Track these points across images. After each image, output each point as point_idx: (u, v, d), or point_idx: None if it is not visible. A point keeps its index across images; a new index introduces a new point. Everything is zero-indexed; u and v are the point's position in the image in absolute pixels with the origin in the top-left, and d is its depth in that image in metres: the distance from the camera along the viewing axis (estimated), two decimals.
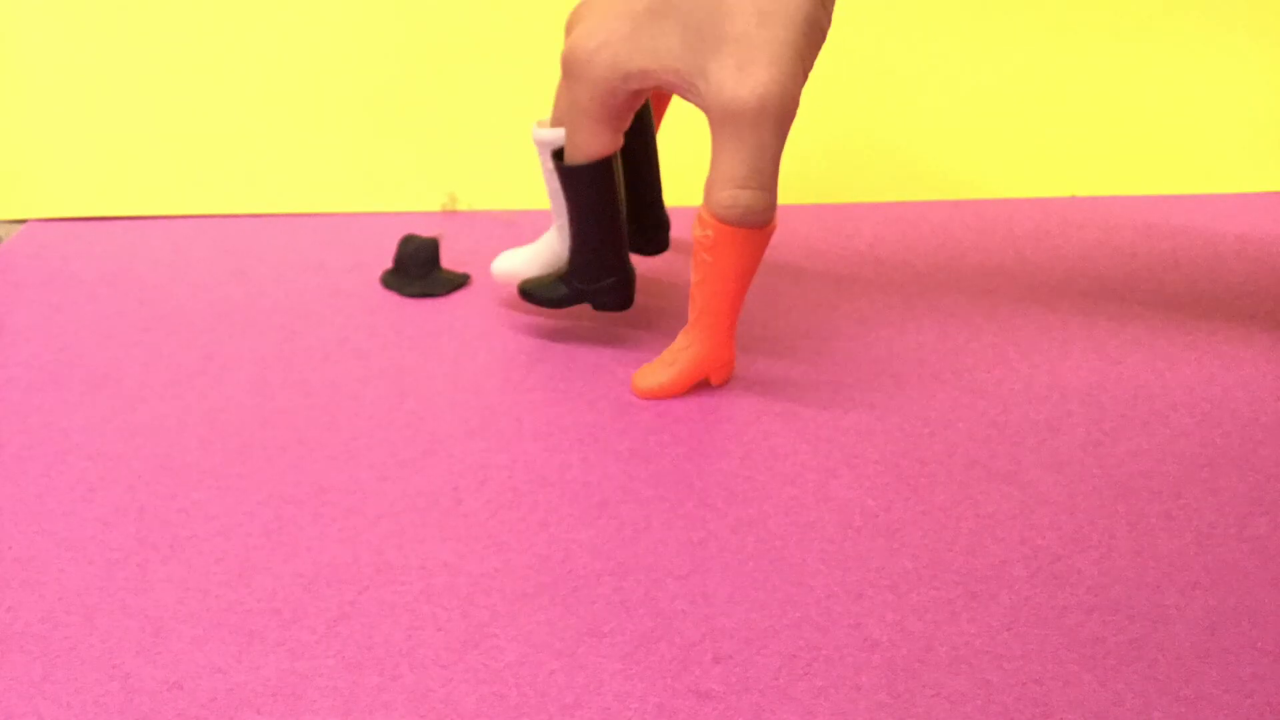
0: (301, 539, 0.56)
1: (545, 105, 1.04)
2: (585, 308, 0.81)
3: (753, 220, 0.63)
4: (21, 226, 0.94)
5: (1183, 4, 1.12)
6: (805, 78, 0.63)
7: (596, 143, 0.66)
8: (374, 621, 0.51)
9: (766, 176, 0.63)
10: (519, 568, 0.54)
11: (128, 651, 0.49)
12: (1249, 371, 0.73)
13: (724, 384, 0.71)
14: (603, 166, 0.67)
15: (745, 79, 0.61)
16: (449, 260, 0.88)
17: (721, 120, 0.62)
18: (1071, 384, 0.71)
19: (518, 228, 0.95)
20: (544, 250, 0.76)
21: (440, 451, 0.64)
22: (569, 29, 0.69)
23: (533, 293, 0.73)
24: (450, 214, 0.99)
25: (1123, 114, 1.09)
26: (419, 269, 0.82)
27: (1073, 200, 1.03)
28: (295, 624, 0.51)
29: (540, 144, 0.71)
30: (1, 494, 0.59)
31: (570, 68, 0.65)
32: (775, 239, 0.93)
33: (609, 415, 0.67)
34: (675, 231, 0.95)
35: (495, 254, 0.90)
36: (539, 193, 1.01)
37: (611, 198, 0.69)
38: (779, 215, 0.98)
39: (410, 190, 0.99)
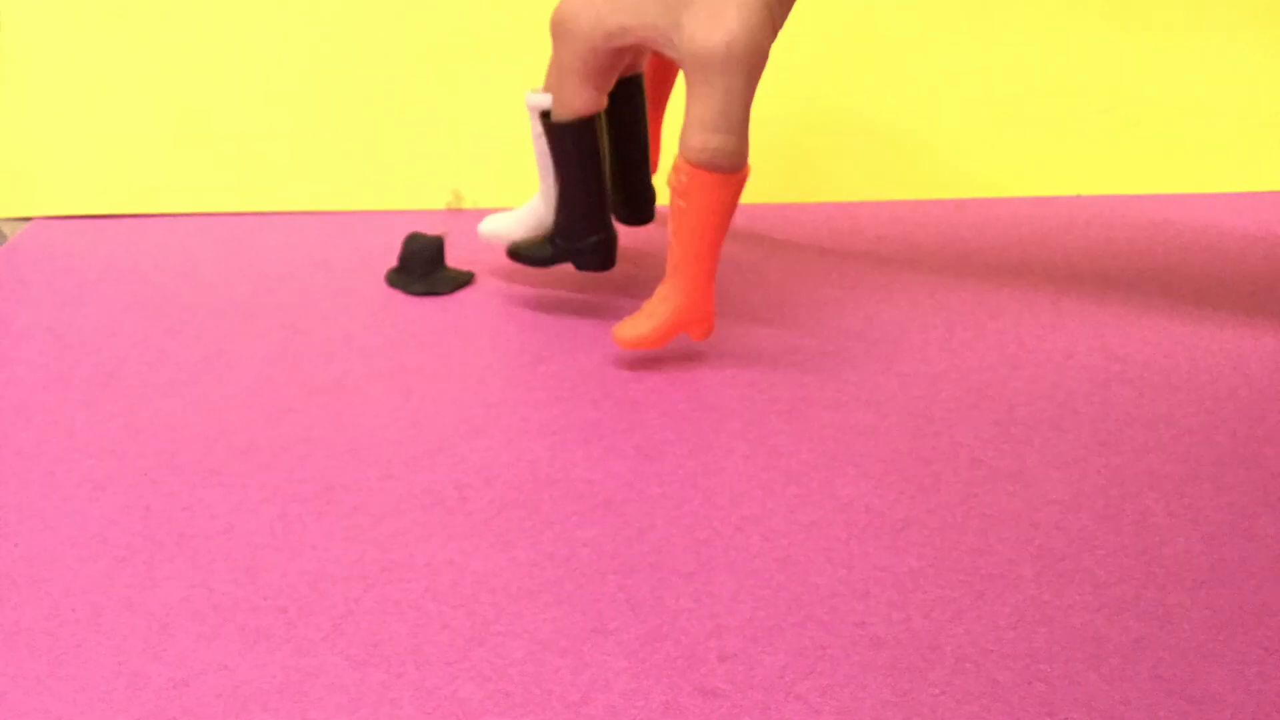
0: (307, 537, 0.56)
1: None
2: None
3: (723, 163, 0.66)
4: (27, 224, 0.94)
5: (1186, 2, 1.12)
6: (775, 31, 0.66)
7: (580, 100, 0.70)
8: (379, 619, 0.51)
9: (735, 121, 0.65)
10: (524, 565, 0.54)
11: (133, 649, 0.49)
12: (1255, 370, 0.73)
13: (704, 339, 0.72)
14: (586, 124, 0.71)
15: (715, 27, 0.64)
16: (453, 258, 0.88)
17: (693, 68, 0.65)
18: (1077, 382, 0.71)
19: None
20: (530, 214, 0.78)
21: (445, 450, 0.64)
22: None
23: (520, 253, 0.76)
24: (455, 212, 0.99)
25: (1127, 112, 1.09)
26: (423, 267, 0.82)
27: (1077, 199, 1.03)
28: (301, 621, 0.51)
29: (531, 108, 0.74)
30: (6, 491, 0.59)
31: (556, 28, 0.69)
32: (780, 236, 0.93)
33: (613, 414, 0.67)
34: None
35: (500, 253, 0.90)
36: None
37: (594, 156, 0.72)
38: (786, 211, 0.98)
39: (415, 188, 0.99)
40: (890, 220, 0.97)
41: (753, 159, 1.05)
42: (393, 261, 0.87)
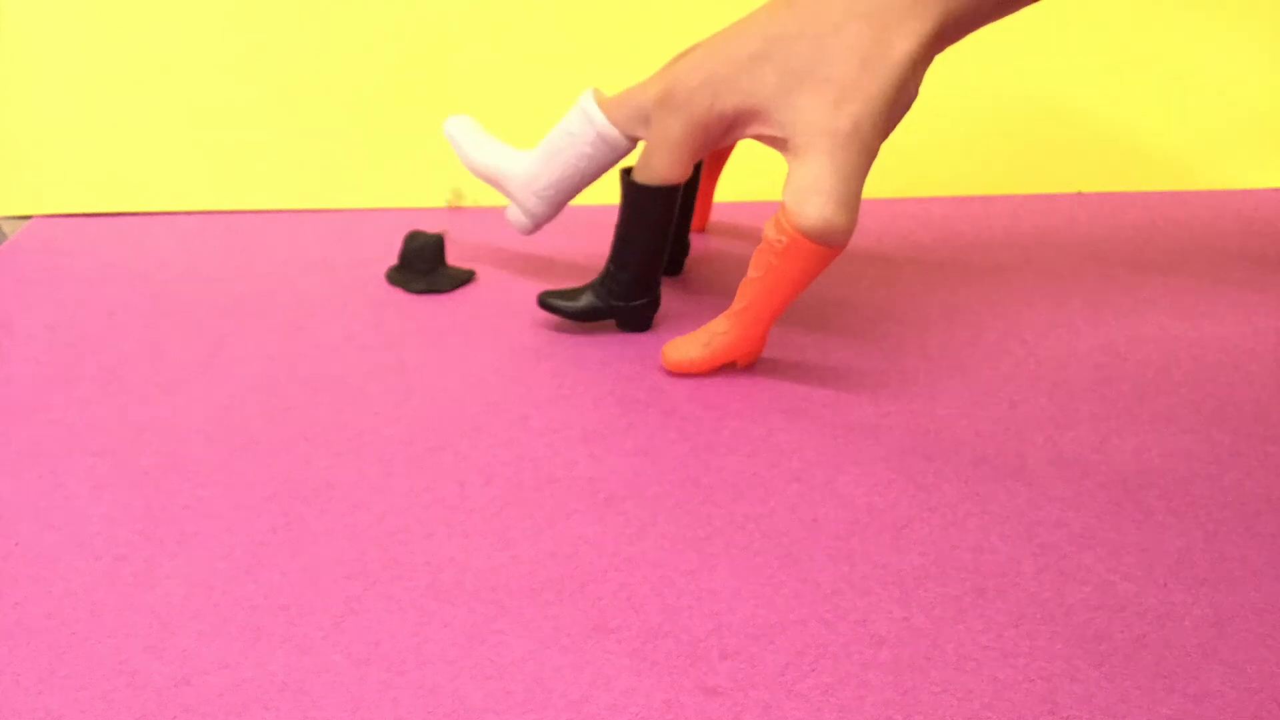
0: (308, 535, 0.56)
1: (549, 102, 1.04)
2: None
3: (833, 239, 0.65)
4: (27, 222, 0.94)
5: (1187, 2, 1.12)
6: (886, 136, 0.66)
7: (674, 171, 0.70)
8: (381, 617, 0.51)
9: (852, 196, 0.65)
10: (525, 564, 0.54)
11: (135, 647, 0.49)
12: (1256, 368, 0.73)
13: (748, 366, 0.73)
14: (670, 192, 0.70)
15: (842, 111, 0.64)
16: (454, 257, 0.88)
17: (813, 138, 0.64)
18: (1078, 380, 0.71)
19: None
20: (503, 156, 0.77)
21: (446, 448, 0.64)
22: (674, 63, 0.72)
23: (554, 304, 0.75)
24: (455, 210, 0.99)
25: (1128, 110, 1.08)
26: (424, 265, 0.82)
27: (1079, 196, 1.03)
28: (302, 620, 0.51)
29: (586, 114, 0.73)
30: (8, 490, 0.59)
31: (670, 100, 0.69)
32: None
33: (615, 412, 0.67)
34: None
35: (500, 251, 0.90)
36: None
37: (667, 224, 0.72)
38: None
39: (415, 187, 0.99)
40: (891, 218, 0.97)
41: (752, 159, 1.05)
42: (393, 259, 0.87)
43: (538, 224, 0.78)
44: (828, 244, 0.65)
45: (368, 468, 0.62)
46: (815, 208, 0.64)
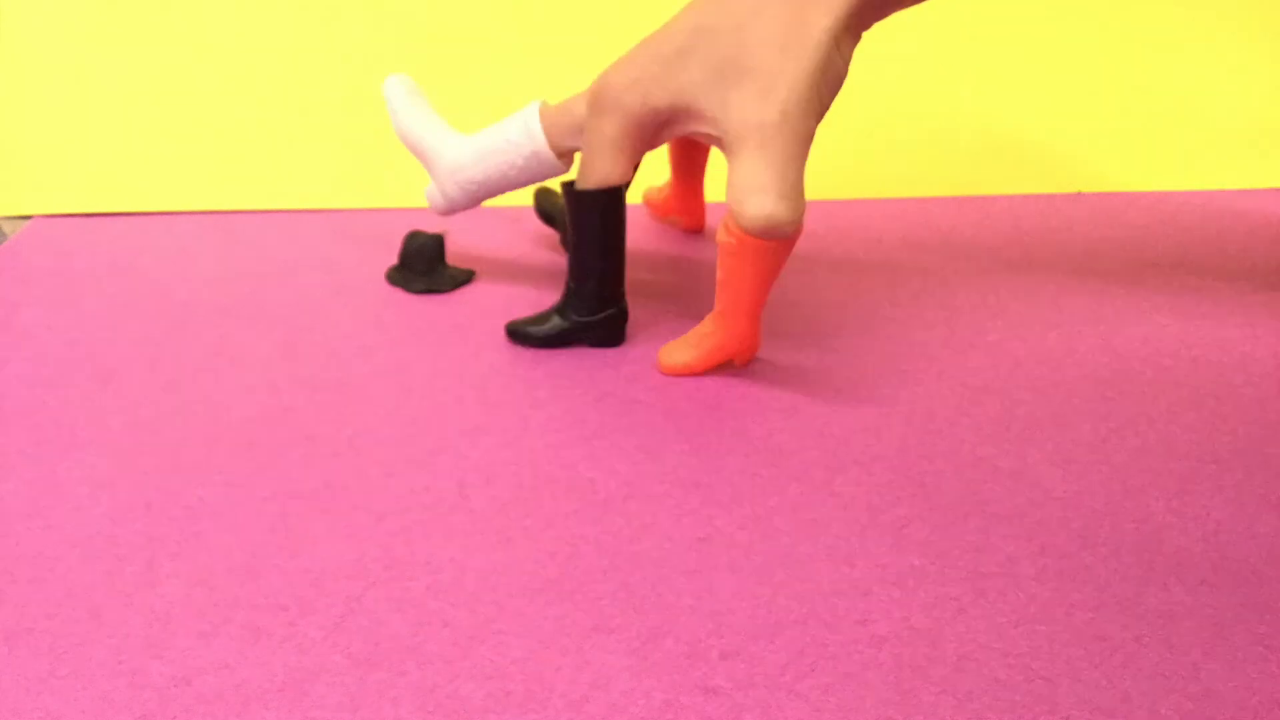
0: (308, 535, 0.56)
1: (550, 101, 1.04)
2: None
3: (778, 232, 0.65)
4: (27, 222, 0.94)
5: (1187, 2, 1.12)
6: (820, 116, 0.66)
7: (614, 172, 0.69)
8: (381, 617, 0.51)
9: (790, 186, 0.64)
10: (525, 564, 0.54)
11: (135, 647, 0.49)
12: (1257, 369, 0.73)
13: (747, 365, 0.73)
14: (614, 195, 0.69)
15: (768, 102, 0.64)
16: (454, 257, 0.88)
17: (744, 136, 0.64)
18: (1078, 380, 0.71)
19: (522, 224, 0.95)
20: (436, 133, 0.77)
21: (446, 448, 0.64)
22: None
23: (522, 331, 0.74)
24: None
25: (1128, 110, 1.09)
26: (424, 265, 0.82)
27: (1079, 196, 1.03)
28: (302, 620, 0.51)
29: (528, 128, 0.73)
30: (8, 489, 0.59)
31: (599, 101, 0.69)
32: None
33: (615, 412, 0.67)
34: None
35: (500, 250, 0.90)
36: None
37: (617, 228, 0.71)
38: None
39: (416, 186, 0.99)
40: (891, 218, 0.97)
41: None
42: (393, 259, 0.87)
43: (453, 210, 0.79)
44: (775, 238, 0.65)
45: (368, 467, 0.62)
46: (755, 206, 0.64)
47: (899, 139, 1.05)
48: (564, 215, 0.86)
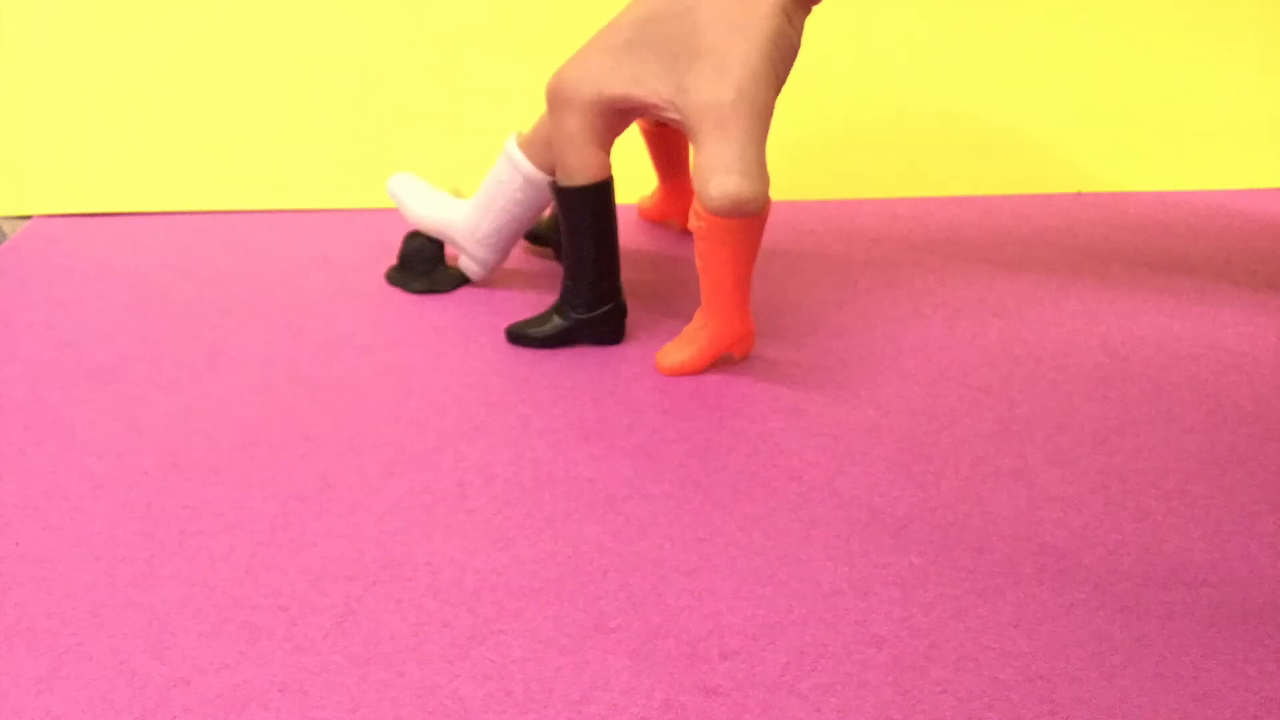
0: (308, 535, 0.56)
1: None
2: None
3: (744, 210, 0.65)
4: (27, 222, 0.94)
5: (1187, 2, 1.12)
6: (778, 88, 0.67)
7: (589, 166, 0.70)
8: (381, 617, 0.51)
9: (752, 162, 0.65)
10: (525, 564, 0.54)
11: (135, 647, 0.49)
12: (1256, 369, 0.73)
13: (746, 356, 0.73)
14: (598, 189, 0.70)
15: (721, 81, 0.65)
16: (451, 258, 0.88)
17: (702, 117, 0.65)
18: (1078, 380, 0.71)
19: None
20: (441, 204, 0.80)
21: (446, 448, 0.63)
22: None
23: (523, 333, 0.74)
24: None
25: (1129, 109, 1.09)
26: (423, 265, 0.82)
27: (1079, 196, 1.03)
28: (302, 620, 0.51)
29: (512, 160, 0.75)
30: (8, 490, 0.59)
31: (555, 98, 0.70)
32: (781, 235, 0.93)
33: (615, 412, 0.67)
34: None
35: None
36: None
37: (607, 222, 0.71)
38: (788, 209, 0.98)
39: None
40: (891, 218, 0.97)
41: None
42: (393, 259, 0.87)
43: (489, 271, 0.81)
44: (742, 216, 0.65)
45: (367, 467, 0.62)
46: (717, 186, 0.65)
47: (899, 139, 1.05)
48: (551, 230, 0.87)
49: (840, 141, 1.05)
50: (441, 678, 0.48)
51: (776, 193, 1.02)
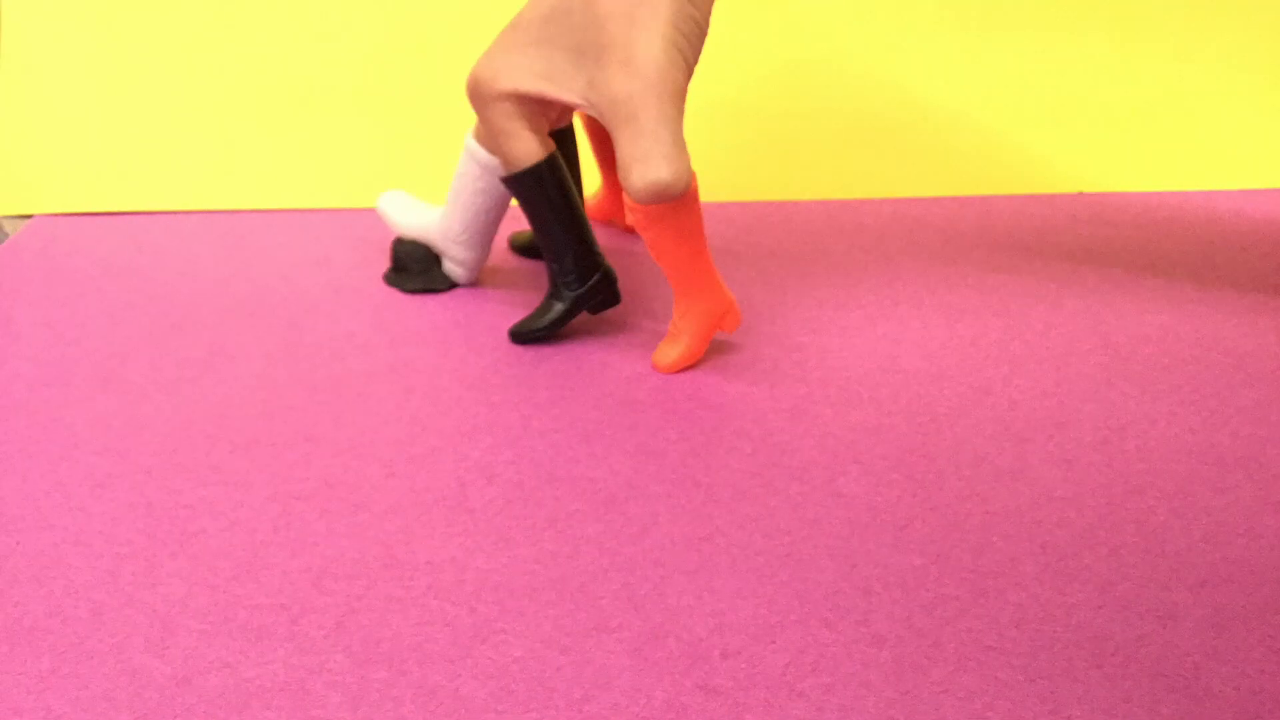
0: (308, 535, 0.56)
1: None
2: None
3: (669, 194, 0.66)
4: (27, 221, 0.94)
5: (1187, 2, 1.12)
6: (689, 70, 0.67)
7: (527, 151, 0.71)
8: (381, 617, 0.51)
9: (668, 146, 0.66)
10: (526, 563, 0.54)
11: (135, 647, 0.49)
12: (1257, 369, 0.73)
13: (737, 328, 0.73)
14: (541, 168, 0.71)
15: (628, 73, 0.65)
16: None
17: (614, 112, 0.66)
18: (1079, 380, 0.71)
19: (520, 223, 0.95)
20: (425, 215, 0.81)
21: (447, 448, 0.64)
22: None
23: (529, 330, 0.75)
24: None
25: (1130, 109, 1.09)
26: (417, 265, 0.82)
27: (1079, 196, 1.03)
28: (303, 619, 0.51)
29: (469, 151, 0.77)
30: (8, 489, 0.59)
31: (474, 95, 0.71)
32: (781, 235, 0.93)
33: (615, 412, 0.67)
34: None
35: (500, 250, 0.90)
36: None
37: (566, 196, 0.72)
38: (788, 209, 0.98)
39: (416, 187, 0.99)
40: (892, 217, 0.97)
41: (754, 157, 1.05)
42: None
43: (471, 270, 0.82)
44: (669, 199, 0.66)
45: (368, 468, 0.62)
46: (638, 175, 0.65)
47: (899, 139, 1.05)
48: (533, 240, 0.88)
49: (840, 141, 1.05)
50: (442, 677, 0.48)
51: (776, 193, 1.02)
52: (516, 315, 0.79)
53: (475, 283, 0.84)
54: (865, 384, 0.71)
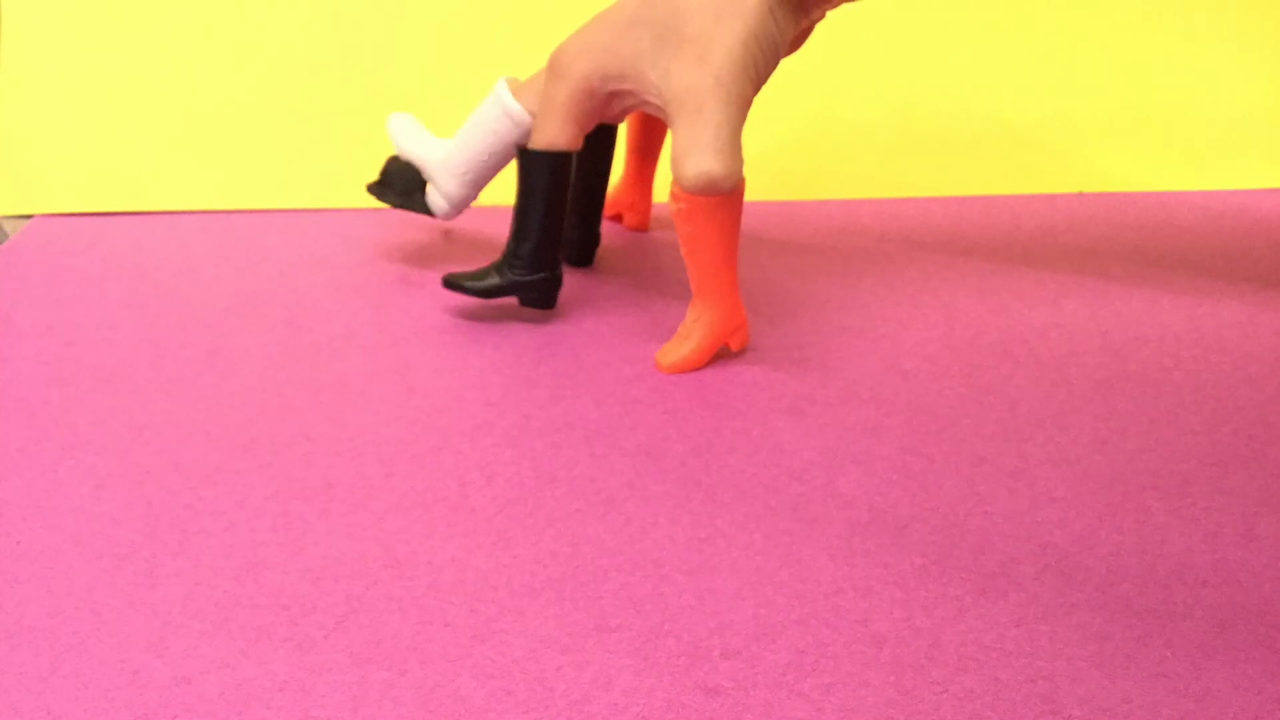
0: (309, 534, 0.56)
1: None
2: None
3: (719, 188, 0.67)
4: (28, 222, 0.94)
5: (1187, 2, 1.12)
6: (757, 85, 0.69)
7: (562, 136, 0.73)
8: (382, 617, 0.51)
9: (726, 143, 0.67)
10: (526, 563, 0.54)
11: (136, 647, 0.49)
12: (1257, 369, 0.73)
13: (742, 348, 0.73)
14: (560, 160, 0.72)
15: (702, 67, 0.67)
16: (454, 254, 0.88)
17: (680, 102, 0.67)
18: (1079, 380, 0.71)
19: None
20: (427, 143, 0.81)
21: (447, 447, 0.64)
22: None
23: (461, 284, 0.76)
24: None
25: (1130, 109, 1.09)
26: (402, 184, 0.83)
27: (1080, 196, 1.03)
28: (303, 619, 0.51)
29: (498, 95, 0.77)
30: (9, 489, 0.59)
31: (556, 66, 0.72)
32: (781, 235, 0.93)
33: (616, 412, 0.67)
34: None
35: (499, 248, 0.90)
36: None
37: (560, 193, 0.73)
38: (788, 209, 0.98)
39: None
40: (892, 217, 0.97)
41: (755, 158, 1.05)
42: (394, 260, 0.87)
43: (455, 206, 0.81)
44: (717, 193, 0.67)
45: (368, 468, 0.62)
46: (692, 165, 0.66)
47: (899, 139, 1.05)
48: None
49: (840, 141, 1.05)
50: (443, 677, 0.48)
51: (776, 193, 1.02)
52: (516, 317, 0.79)
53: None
54: (864, 384, 0.71)
